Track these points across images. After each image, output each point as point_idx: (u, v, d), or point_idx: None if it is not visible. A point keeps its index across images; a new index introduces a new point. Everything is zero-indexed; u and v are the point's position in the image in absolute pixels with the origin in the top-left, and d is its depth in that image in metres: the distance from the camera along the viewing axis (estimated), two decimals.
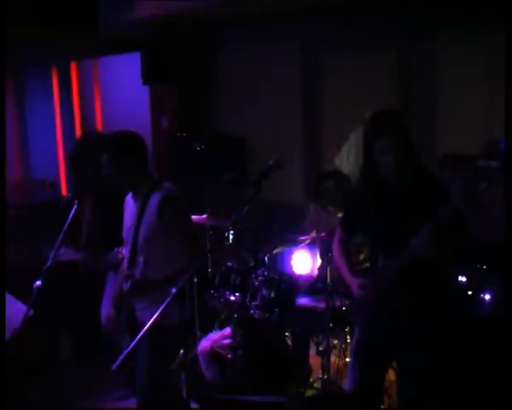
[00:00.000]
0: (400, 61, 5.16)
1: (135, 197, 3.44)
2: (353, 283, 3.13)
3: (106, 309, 4.25)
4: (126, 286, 3.36)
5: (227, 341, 4.48)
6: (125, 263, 3.47)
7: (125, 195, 3.59)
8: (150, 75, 6.24)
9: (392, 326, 3.02)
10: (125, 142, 3.37)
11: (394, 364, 3.31)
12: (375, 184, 3.03)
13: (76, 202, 3.56)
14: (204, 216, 4.95)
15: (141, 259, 3.35)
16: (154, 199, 3.29)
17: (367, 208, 3.07)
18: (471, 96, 4.71)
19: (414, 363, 3.03)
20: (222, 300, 4.54)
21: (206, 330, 4.77)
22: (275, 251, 4.78)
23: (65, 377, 4.72)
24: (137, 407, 3.50)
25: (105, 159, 3.34)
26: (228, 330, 4.55)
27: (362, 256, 4.08)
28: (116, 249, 3.78)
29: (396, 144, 2.90)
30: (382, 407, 3.54)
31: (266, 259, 4.78)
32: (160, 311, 2.48)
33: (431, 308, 3.00)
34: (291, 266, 4.88)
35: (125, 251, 3.52)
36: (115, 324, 3.55)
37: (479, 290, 3.91)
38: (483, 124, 4.61)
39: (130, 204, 3.50)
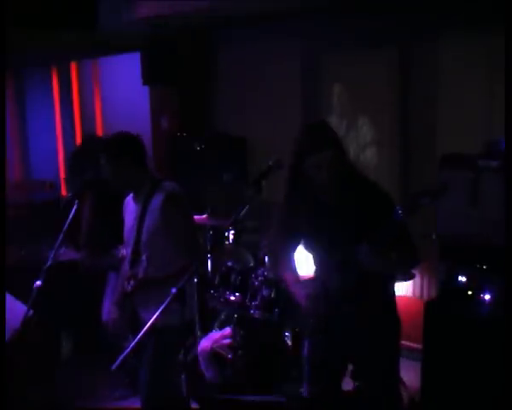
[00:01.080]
0: (400, 61, 5.16)
1: (136, 198, 3.45)
2: (300, 294, 3.05)
3: (107, 309, 4.25)
4: (129, 286, 3.37)
5: (227, 341, 4.49)
6: (126, 263, 3.47)
7: (125, 194, 3.60)
8: (150, 75, 6.23)
9: (343, 335, 2.97)
10: (122, 142, 3.40)
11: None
12: (308, 198, 2.95)
13: (76, 201, 3.57)
14: (204, 216, 4.95)
15: (144, 257, 3.36)
16: (157, 198, 3.31)
17: (302, 221, 3.01)
18: (471, 96, 4.71)
19: (372, 367, 3.01)
20: (222, 300, 4.54)
21: (206, 330, 4.78)
22: None
23: (65, 377, 4.72)
24: (142, 407, 3.51)
25: (103, 161, 3.36)
26: (228, 330, 4.56)
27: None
28: (116, 248, 3.79)
29: (329, 159, 2.82)
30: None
31: (266, 259, 4.78)
32: (159, 311, 2.48)
33: (378, 314, 2.97)
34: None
35: (126, 252, 3.52)
36: (119, 324, 3.55)
37: (479, 290, 3.91)
38: (483, 124, 4.61)
39: (130, 205, 3.51)
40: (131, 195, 3.51)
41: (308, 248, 3.13)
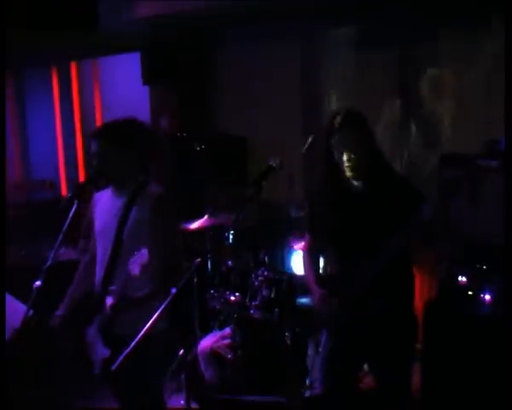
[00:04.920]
0: (400, 61, 5.16)
1: (117, 193, 3.19)
2: (316, 292, 3.03)
3: None
4: (110, 302, 3.10)
5: (227, 341, 4.49)
6: (99, 265, 3.24)
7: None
8: (150, 75, 6.23)
9: (362, 333, 2.94)
10: (131, 132, 3.14)
11: None
12: (338, 186, 2.91)
13: (76, 201, 3.56)
14: (204, 216, 4.95)
15: (144, 251, 3.02)
16: (144, 199, 3.09)
17: (332, 213, 2.95)
18: (471, 96, 4.71)
19: (389, 367, 2.97)
20: (222, 300, 4.54)
21: (206, 330, 4.78)
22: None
23: (65, 377, 4.72)
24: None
25: (102, 147, 3.09)
26: (228, 330, 4.55)
27: None
28: None
29: (357, 143, 2.78)
30: None
31: (266, 259, 4.78)
32: (158, 313, 2.46)
33: (401, 314, 2.96)
34: (291, 266, 4.88)
35: (99, 249, 3.28)
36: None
37: (479, 290, 3.91)
38: (483, 124, 4.61)
39: (104, 200, 3.28)
40: (106, 190, 3.25)
41: (332, 243, 3.07)
